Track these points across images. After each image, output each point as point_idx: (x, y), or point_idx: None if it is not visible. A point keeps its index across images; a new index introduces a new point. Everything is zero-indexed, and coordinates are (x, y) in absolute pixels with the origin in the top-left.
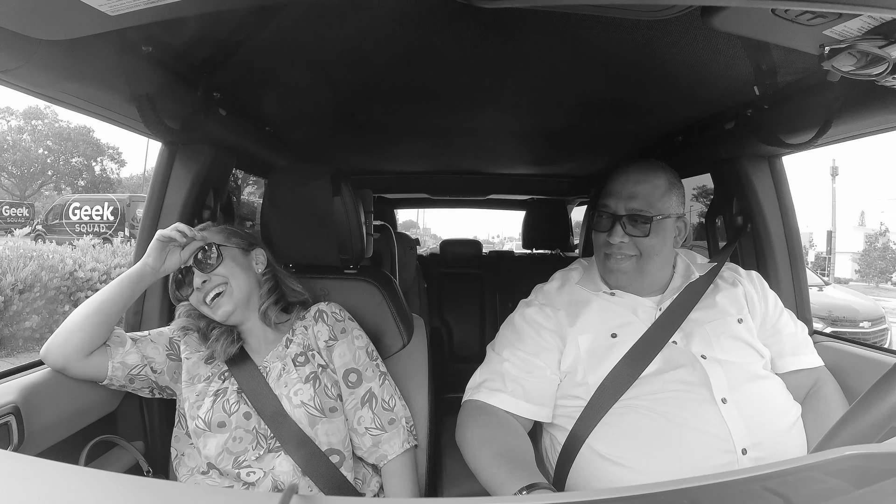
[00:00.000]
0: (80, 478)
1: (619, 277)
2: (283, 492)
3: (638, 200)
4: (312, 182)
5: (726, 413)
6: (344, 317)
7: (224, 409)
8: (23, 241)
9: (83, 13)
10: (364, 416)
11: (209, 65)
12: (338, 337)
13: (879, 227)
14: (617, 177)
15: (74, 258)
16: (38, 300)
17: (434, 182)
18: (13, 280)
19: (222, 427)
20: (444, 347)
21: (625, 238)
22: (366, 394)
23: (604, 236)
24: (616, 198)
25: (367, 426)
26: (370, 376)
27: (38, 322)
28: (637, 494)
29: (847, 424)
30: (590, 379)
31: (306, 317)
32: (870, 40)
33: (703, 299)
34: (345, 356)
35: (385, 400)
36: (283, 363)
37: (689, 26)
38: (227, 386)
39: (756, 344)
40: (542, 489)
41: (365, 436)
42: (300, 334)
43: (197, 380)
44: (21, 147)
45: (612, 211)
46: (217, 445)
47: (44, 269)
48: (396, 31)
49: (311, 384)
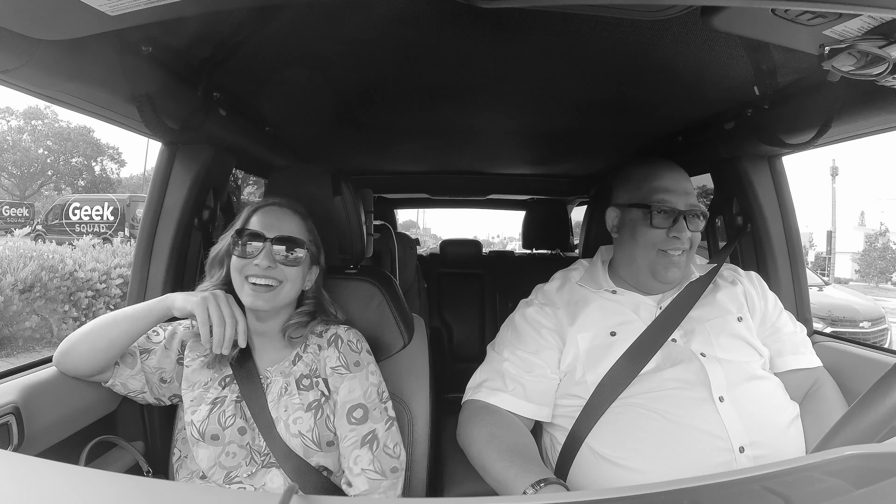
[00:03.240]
0: (80, 478)
1: (675, 273)
2: (283, 492)
3: (692, 196)
4: (313, 182)
5: (723, 411)
6: (361, 348)
7: (219, 422)
8: (23, 241)
9: (83, 13)
10: (362, 456)
11: (209, 65)
12: (350, 369)
13: (879, 227)
14: (668, 173)
15: (74, 258)
16: (38, 300)
17: (434, 182)
18: (13, 280)
19: (215, 440)
20: (444, 347)
21: (688, 233)
22: (368, 434)
23: (662, 232)
24: (675, 193)
25: (365, 467)
26: (377, 417)
27: (37, 322)
28: (638, 494)
29: (847, 424)
30: (588, 377)
31: (323, 335)
32: (870, 40)
33: (704, 297)
34: (354, 391)
35: (390, 447)
36: (286, 381)
37: (690, 26)
38: (227, 395)
39: (755, 343)
40: (554, 484)
41: (360, 477)
42: (311, 353)
43: (197, 385)
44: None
45: (672, 206)
46: (209, 458)
47: (44, 269)
48: (396, 31)
49: (313, 414)
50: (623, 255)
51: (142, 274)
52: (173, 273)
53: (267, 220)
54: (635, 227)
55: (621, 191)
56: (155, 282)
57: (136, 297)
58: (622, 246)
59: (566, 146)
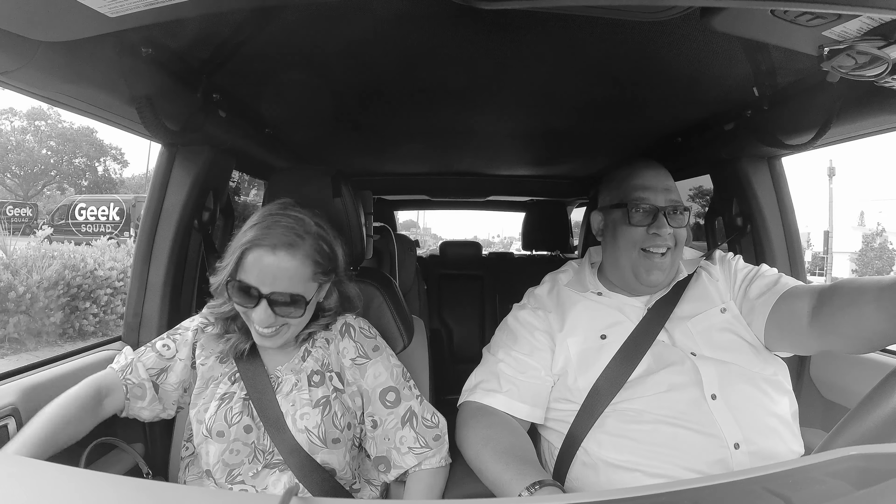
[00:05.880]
0: (80, 480)
1: (657, 276)
2: (283, 494)
3: (673, 192)
4: (312, 183)
5: (716, 409)
6: (374, 333)
7: (225, 419)
8: (44, 242)
9: (83, 15)
10: (406, 435)
11: (209, 66)
12: (370, 355)
13: (876, 227)
14: (646, 171)
15: (94, 257)
16: (62, 297)
17: (433, 183)
18: (39, 278)
19: (220, 437)
20: (443, 349)
21: (669, 229)
22: (406, 412)
23: (642, 230)
24: (654, 191)
25: (411, 445)
26: (408, 395)
27: (61, 318)
28: (639, 496)
29: (849, 425)
30: (580, 383)
31: (331, 327)
32: (869, 41)
33: (688, 293)
34: (381, 375)
35: (428, 418)
36: (297, 377)
37: (689, 27)
38: (235, 391)
39: (742, 332)
40: (550, 486)
41: (408, 455)
42: (320, 348)
43: (211, 381)
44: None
45: (652, 203)
46: (216, 454)
47: (66, 267)
48: (396, 33)
49: (320, 410)
50: (608, 257)
51: (141, 275)
52: (173, 274)
53: (260, 269)
54: (616, 227)
55: (604, 193)
56: (154, 283)
57: (136, 298)
58: (607, 248)
59: (565, 147)
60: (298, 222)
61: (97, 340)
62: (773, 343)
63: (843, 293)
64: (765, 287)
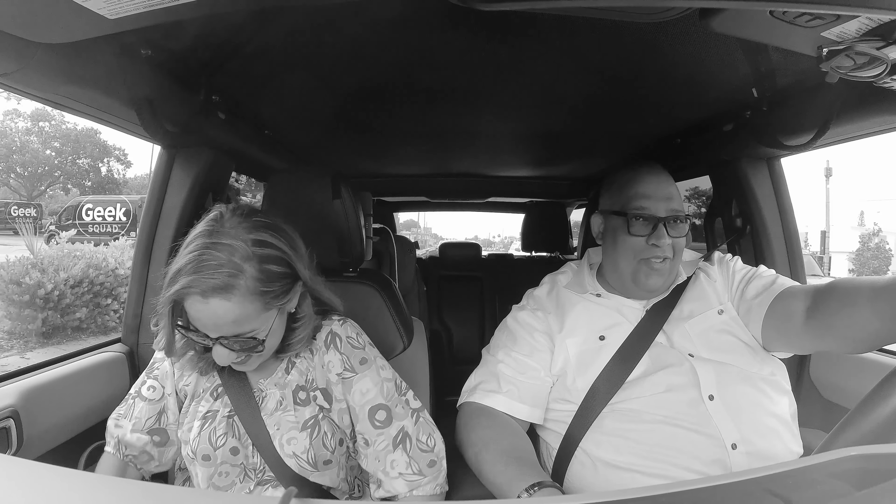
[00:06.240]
0: (80, 482)
1: (657, 281)
2: (282, 496)
3: (674, 201)
4: (312, 185)
5: (713, 409)
6: (363, 343)
7: (210, 441)
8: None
9: (83, 16)
10: (397, 459)
11: (208, 68)
12: (356, 369)
13: (873, 227)
14: (647, 178)
15: (115, 257)
16: (86, 294)
17: (433, 185)
18: (66, 276)
19: (207, 461)
20: (443, 350)
21: (668, 240)
22: (398, 433)
23: (641, 240)
24: (654, 199)
25: (402, 471)
26: (401, 413)
27: (85, 314)
28: (639, 497)
29: (849, 426)
30: (579, 384)
31: (316, 337)
32: (867, 42)
33: (686, 295)
34: (369, 392)
35: (423, 440)
36: (282, 393)
37: (688, 28)
38: (218, 408)
39: (740, 333)
40: (549, 487)
41: (398, 480)
42: (305, 358)
43: (195, 397)
44: (29, 149)
45: (652, 213)
46: (204, 477)
47: (91, 266)
48: (395, 34)
49: (308, 433)
50: (608, 261)
51: (141, 276)
52: None
53: (198, 317)
54: (616, 234)
55: (605, 196)
56: (154, 284)
57: (136, 299)
58: (607, 252)
59: (565, 148)
60: (230, 253)
61: (117, 336)
62: (771, 343)
63: (839, 293)
64: (761, 288)
